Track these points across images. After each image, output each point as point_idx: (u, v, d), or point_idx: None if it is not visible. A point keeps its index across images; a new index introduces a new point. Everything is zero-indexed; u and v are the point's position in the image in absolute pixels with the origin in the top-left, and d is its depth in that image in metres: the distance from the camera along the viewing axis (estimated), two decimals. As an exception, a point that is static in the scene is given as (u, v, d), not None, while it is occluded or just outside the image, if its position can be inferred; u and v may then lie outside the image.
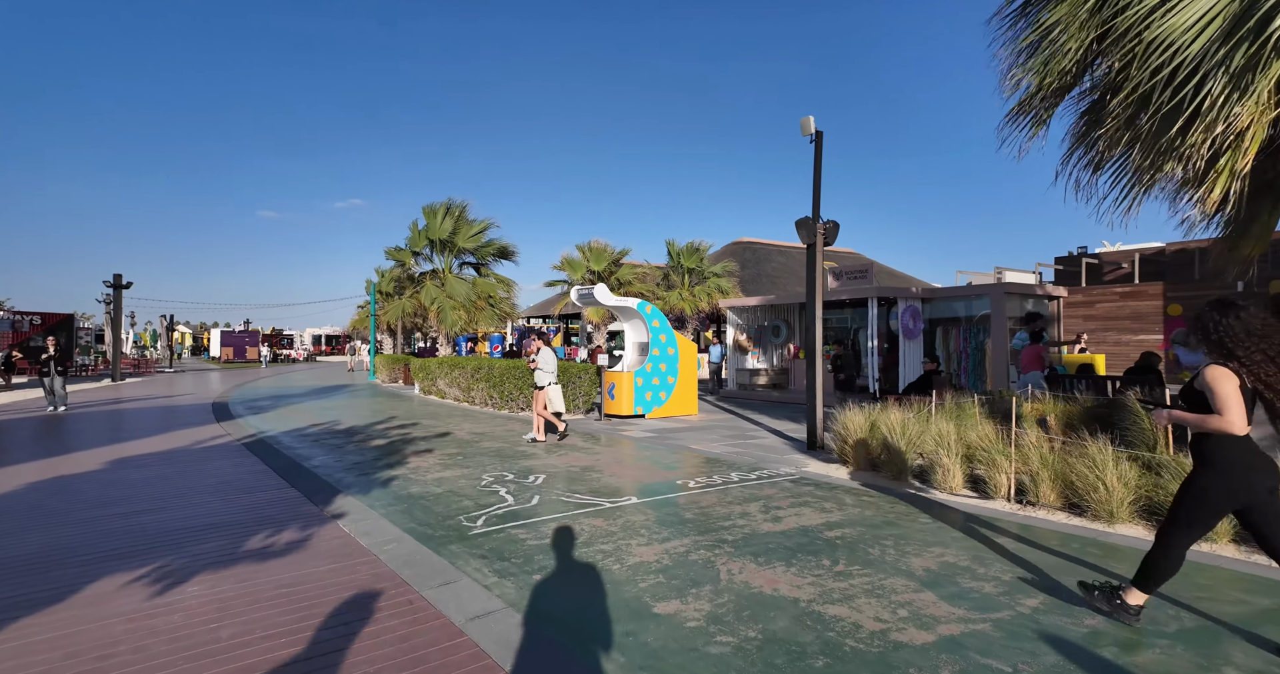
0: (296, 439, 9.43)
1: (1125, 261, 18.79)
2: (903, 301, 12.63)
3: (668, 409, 11.54)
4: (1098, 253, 19.72)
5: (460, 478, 6.39)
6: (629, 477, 6.25)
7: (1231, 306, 2.80)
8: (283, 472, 7.02)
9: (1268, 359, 2.68)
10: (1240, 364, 2.70)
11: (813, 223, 7.53)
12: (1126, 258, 18.84)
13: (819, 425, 7.47)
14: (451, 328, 16.39)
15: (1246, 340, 2.71)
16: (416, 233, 17.39)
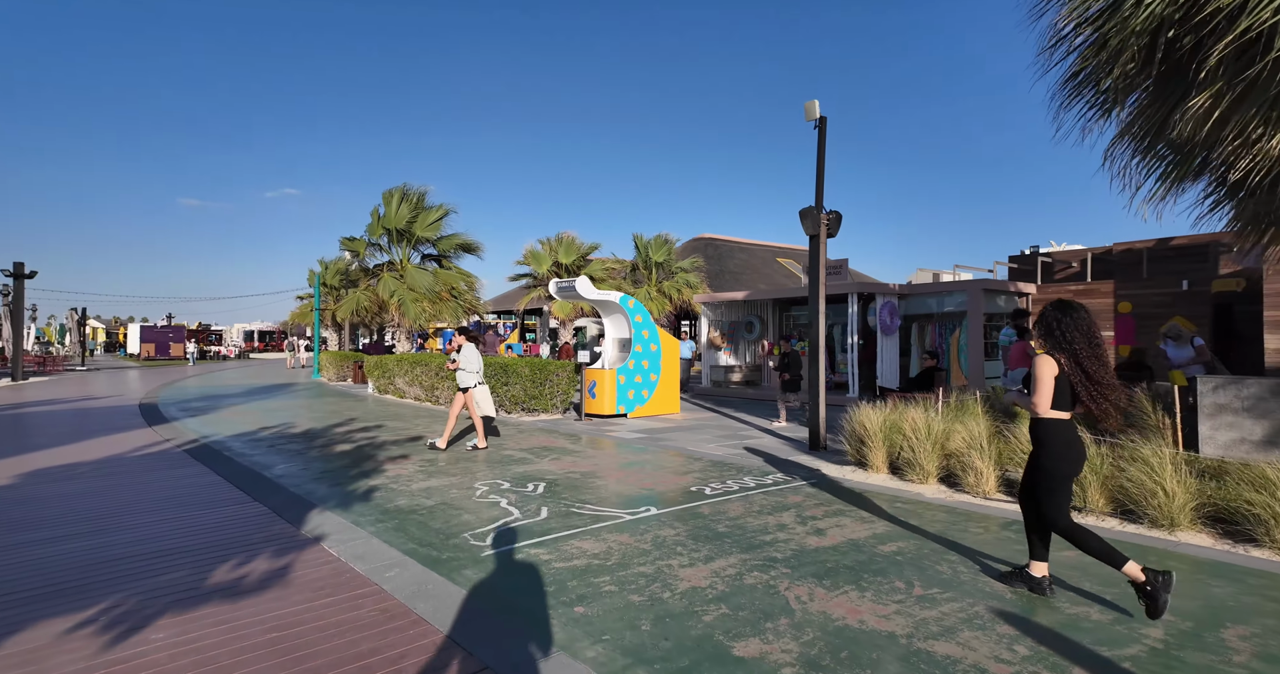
0: (249, 444, 8.55)
1: (1075, 261, 19.58)
2: (880, 297, 12.62)
3: (650, 408, 11.14)
4: (1049, 252, 20.46)
5: (450, 487, 5.80)
6: (637, 483, 5.81)
7: (1070, 307, 3.23)
8: (241, 483, 6.25)
9: (1091, 353, 3.14)
10: (1072, 356, 3.15)
11: (816, 213, 7.26)
12: (1076, 257, 19.65)
13: (822, 425, 7.22)
14: (415, 322, 15.47)
15: (1079, 337, 3.15)
16: (375, 220, 16.34)
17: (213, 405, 14.13)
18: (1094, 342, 3.13)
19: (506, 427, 10.00)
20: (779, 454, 7.15)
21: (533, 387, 11.02)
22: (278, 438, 9.13)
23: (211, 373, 28.61)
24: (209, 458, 7.69)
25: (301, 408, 13.34)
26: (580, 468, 6.61)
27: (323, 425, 10.44)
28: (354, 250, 16.89)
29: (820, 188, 7.37)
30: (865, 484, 5.53)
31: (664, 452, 7.47)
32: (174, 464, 7.32)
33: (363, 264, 17.11)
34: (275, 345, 58.94)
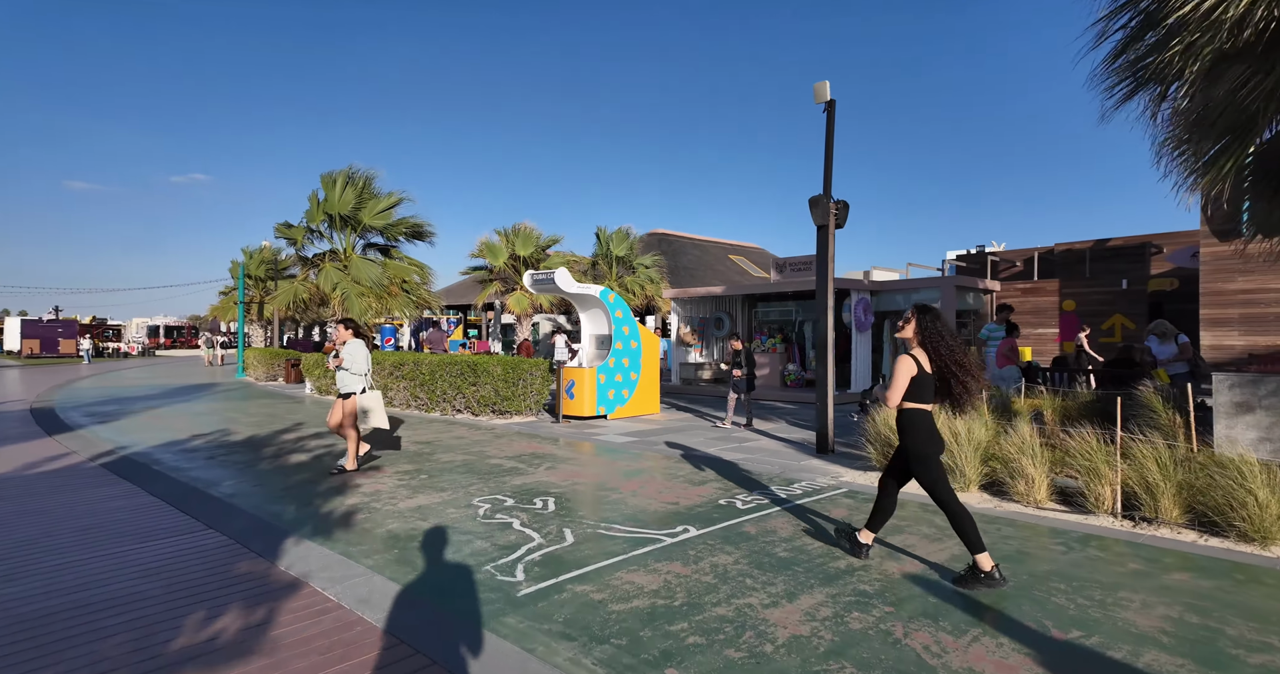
0: (182, 456, 7.42)
1: (1019, 260, 20.42)
2: (855, 293, 12.54)
3: (631, 408, 10.58)
4: (993, 252, 21.26)
5: (446, 506, 5.06)
6: (656, 496, 5.25)
7: (933, 310, 3.67)
8: (185, 505, 5.28)
9: (958, 348, 3.56)
10: (947, 352, 3.54)
11: (825, 201, 6.90)
12: (1020, 257, 20.50)
13: (830, 428, 6.89)
14: (360, 318, 14.22)
15: (947, 335, 3.58)
16: (315, 206, 14.91)
17: (125, 409, 12.52)
18: (956, 338, 3.64)
19: (479, 431, 9.21)
20: (788, 459, 6.76)
21: (505, 387, 10.25)
22: (216, 448, 8.00)
23: (112, 372, 25.86)
24: (136, 474, 6.57)
25: (234, 411, 11.99)
26: (584, 478, 5.98)
27: (266, 432, 9.31)
28: (290, 238, 15.40)
29: (829, 175, 7.02)
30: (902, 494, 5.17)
31: (665, 457, 6.93)
32: (92, 482, 6.19)
33: (300, 252, 15.64)
34: (185, 341, 54.49)
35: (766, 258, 40.26)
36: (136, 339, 51.51)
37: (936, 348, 3.55)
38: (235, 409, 12.43)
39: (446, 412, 11.26)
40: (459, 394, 10.96)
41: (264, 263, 29.22)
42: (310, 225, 15.38)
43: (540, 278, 10.25)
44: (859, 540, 3.82)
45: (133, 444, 8.40)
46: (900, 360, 3.58)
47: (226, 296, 31.74)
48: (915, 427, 3.55)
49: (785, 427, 9.34)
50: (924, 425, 3.55)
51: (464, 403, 10.97)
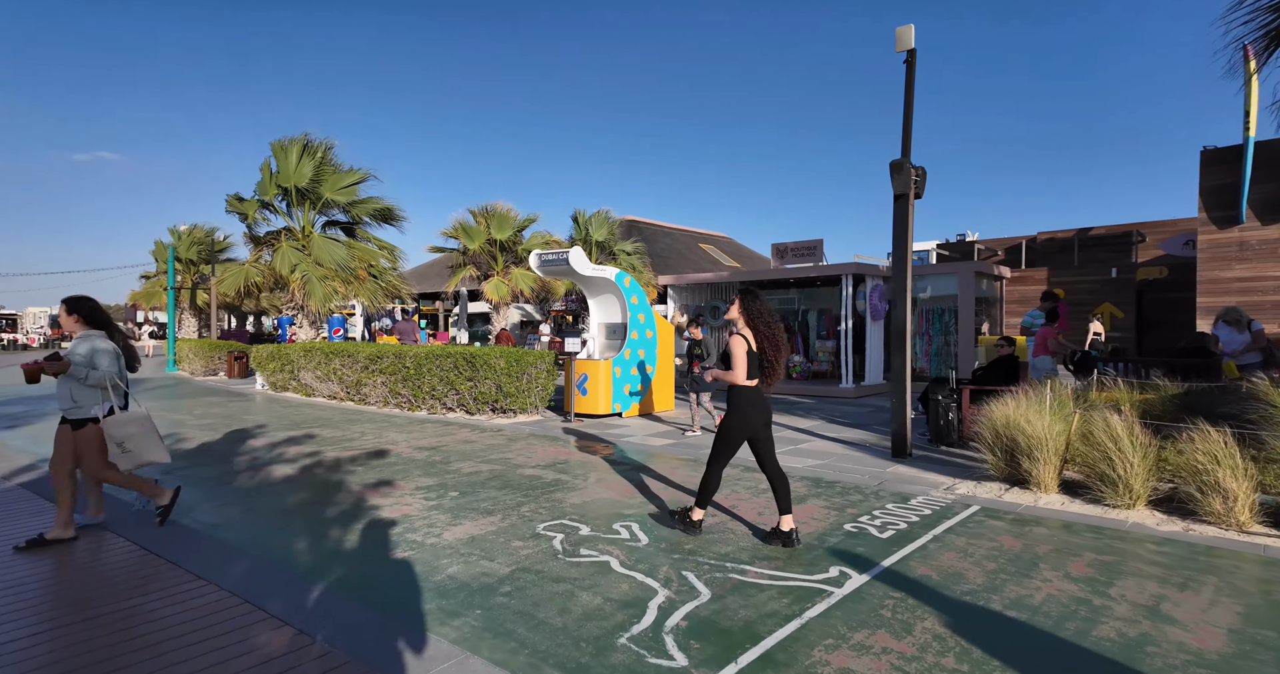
0: (134, 473, 6.02)
1: (1000, 248, 20.50)
2: (871, 279, 11.94)
3: (647, 404, 9.62)
4: (974, 240, 21.29)
5: (506, 536, 4.00)
6: (759, 519, 4.31)
7: (755, 293, 3.90)
8: (156, 543, 4.02)
9: (772, 328, 3.83)
10: (761, 332, 3.80)
11: (906, 166, 6.10)
12: (1001, 245, 20.59)
13: (909, 429, 6.13)
14: (322, 306, 12.64)
15: (768, 316, 3.85)
16: (267, 177, 13.11)
17: (38, 410, 10.67)
18: (775, 320, 3.91)
19: (485, 433, 8.07)
20: (867, 465, 5.92)
21: (509, 382, 9.10)
22: (172, 459, 6.59)
23: (14, 366, 22.93)
24: None
25: (178, 412, 10.35)
26: (651, 494, 5.00)
27: (227, 438, 7.88)
28: (241, 212, 13.56)
29: (908, 136, 6.20)
30: (1057, 512, 4.39)
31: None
32: (14, 511, 4.79)
33: (252, 230, 13.83)
34: None
35: (735, 247, 39.82)
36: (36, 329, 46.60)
37: (759, 327, 3.84)
38: (179, 409, 10.77)
39: (435, 410, 10.02)
40: (451, 390, 9.73)
41: (196, 244, 26.51)
42: (263, 200, 13.60)
43: (550, 258, 9.13)
44: (692, 520, 4.04)
45: (62, 457, 6.87)
46: (734, 341, 3.83)
47: (152, 281, 28.68)
48: (743, 402, 3.82)
49: (825, 424, 8.58)
50: (745, 401, 3.82)
51: (457, 400, 9.76)
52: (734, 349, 3.78)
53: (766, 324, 3.83)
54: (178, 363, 20.32)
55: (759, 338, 3.83)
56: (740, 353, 3.77)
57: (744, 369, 3.76)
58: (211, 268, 22.40)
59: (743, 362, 3.76)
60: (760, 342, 3.83)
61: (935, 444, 6.58)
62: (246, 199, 13.60)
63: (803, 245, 14.40)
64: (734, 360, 3.78)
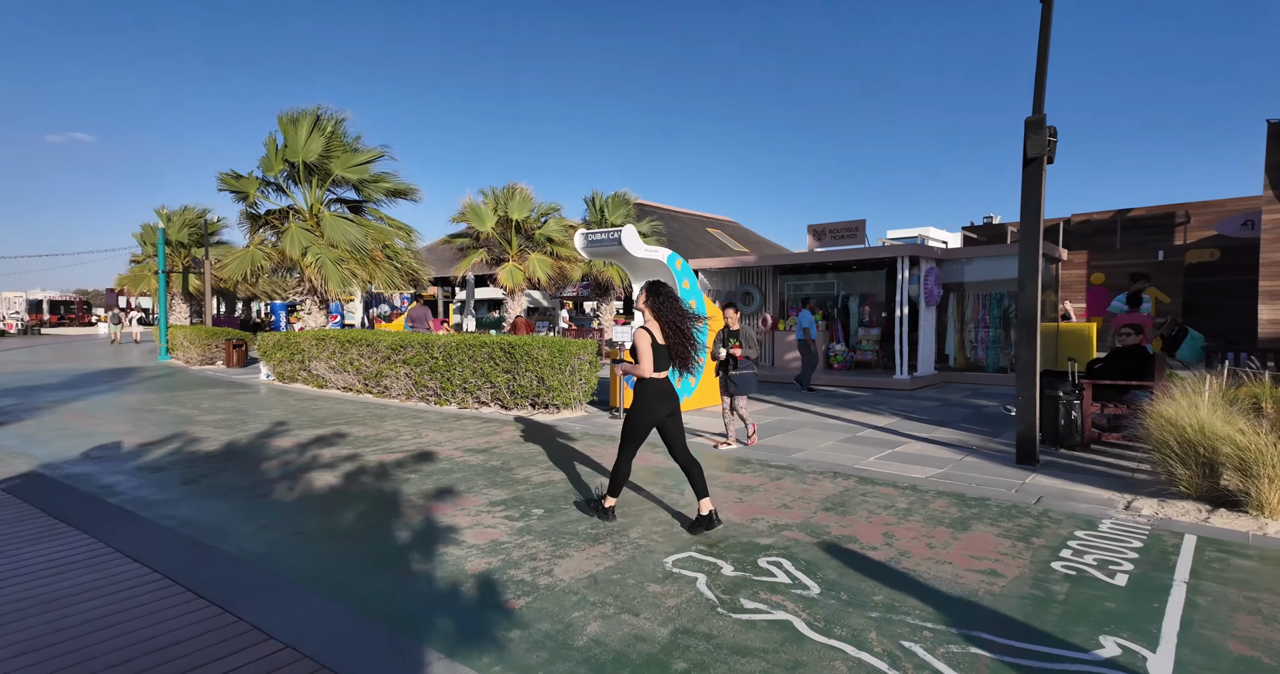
0: (146, 479, 5.22)
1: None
2: (926, 261, 11.20)
3: (697, 399, 8.88)
4: (1003, 224, 20.61)
5: (635, 575, 3.24)
6: (945, 555, 3.50)
7: (663, 288, 4.08)
8: (198, 579, 3.25)
9: (683, 318, 4.01)
10: (668, 324, 3.97)
11: (1042, 126, 5.31)
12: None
13: (1038, 431, 5.41)
14: (338, 290, 11.74)
15: (675, 308, 4.02)
16: (273, 153, 12.09)
17: (28, 403, 9.78)
18: (683, 310, 3.99)
19: (531, 432, 7.30)
20: (1003, 475, 5.07)
21: (553, 374, 8.31)
22: (187, 463, 5.79)
23: None
24: (84, 511, 4.39)
25: (182, 406, 9.50)
26: (780, 518, 4.22)
27: (245, 435, 7.07)
28: (239, 191, 12.55)
29: (1041, 90, 5.41)
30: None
31: (834, 474, 5.28)
32: (15, 531, 3.99)
33: (252, 210, 12.83)
34: (77, 318, 48.45)
35: (742, 231, 39.02)
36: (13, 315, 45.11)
37: (668, 319, 3.93)
38: (182, 402, 9.91)
39: (466, 404, 9.23)
40: (485, 383, 8.93)
41: (188, 226, 25.31)
42: (267, 176, 12.60)
43: (599, 238, 8.31)
44: (605, 507, 4.14)
45: (58, 458, 6.04)
46: (639, 334, 3.96)
47: (140, 266, 27.45)
48: (648, 393, 3.95)
49: (902, 421, 7.87)
50: (650, 392, 3.95)
51: (492, 394, 8.97)
52: (639, 342, 3.93)
53: (676, 314, 3.95)
54: (170, 351, 19.33)
55: (666, 331, 3.95)
56: (645, 346, 3.91)
57: (649, 362, 3.91)
58: (205, 251, 21.30)
59: (648, 354, 3.91)
60: (667, 332, 3.95)
61: (1053, 447, 5.90)
62: (244, 176, 12.59)
63: (843, 226, 13.63)
64: (639, 354, 3.92)
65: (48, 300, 48.32)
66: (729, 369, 6.10)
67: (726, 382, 6.15)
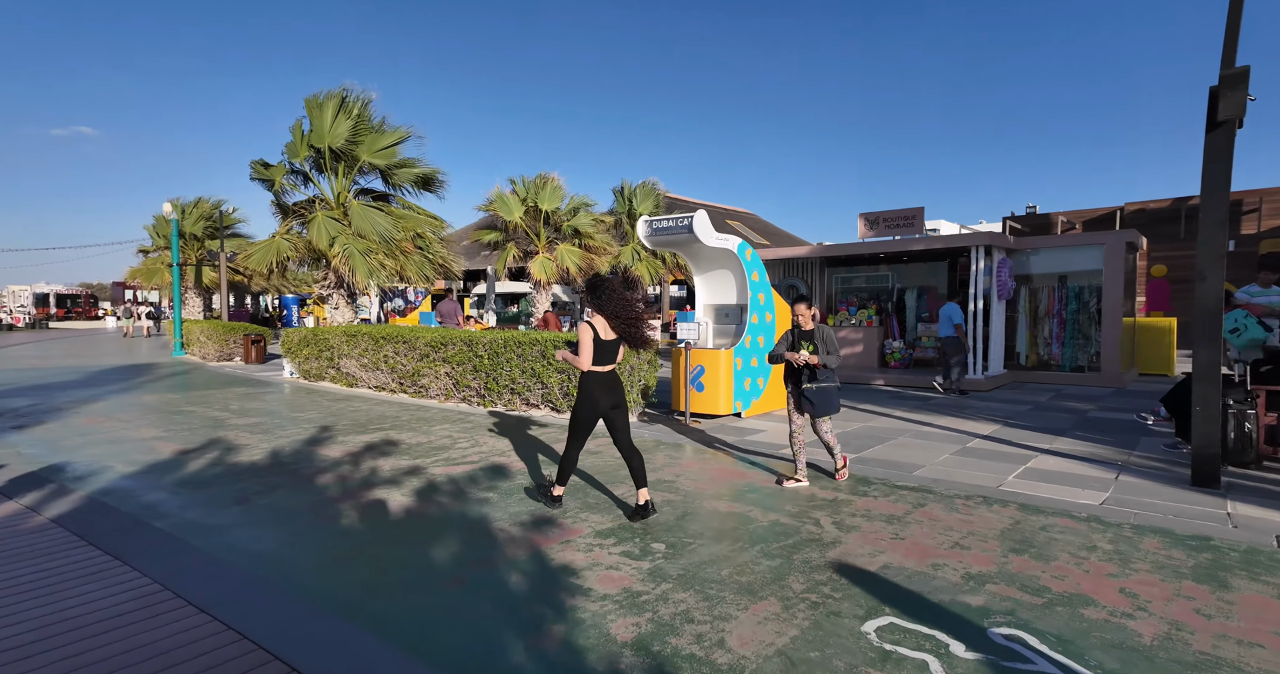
0: (191, 497, 4.61)
1: (1078, 222, 19.05)
2: (998, 252, 10.45)
3: (765, 402, 8.21)
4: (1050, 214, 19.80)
5: (827, 647, 2.57)
6: (1204, 625, 2.80)
7: (602, 283, 4.15)
8: (280, 642, 2.59)
9: (625, 307, 4.08)
10: (613, 317, 4.06)
11: (1242, 81, 4.51)
12: (1079, 218, 19.14)
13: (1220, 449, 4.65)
14: (367, 282, 11.09)
15: (616, 301, 4.09)
16: (299, 138, 11.41)
17: (47, 403, 9.21)
18: (625, 301, 4.12)
19: (598, 439, 6.65)
20: (1188, 501, 4.30)
21: (615, 375, 7.64)
22: (232, 476, 5.16)
23: (4, 348, 21.34)
24: (130, 541, 3.78)
25: (211, 406, 8.88)
26: (965, 563, 3.58)
27: (288, 443, 6.44)
28: (267, 179, 11.89)
29: (1233, 40, 4.63)
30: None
31: (988, 502, 4.61)
32: (53, 566, 3.37)
33: (281, 199, 12.17)
34: (82, 312, 48.16)
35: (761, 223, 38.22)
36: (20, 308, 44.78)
37: (611, 312, 4.05)
38: (209, 403, 9.30)
39: (514, 406, 8.59)
40: (536, 384, 8.28)
41: (203, 219, 24.69)
42: (293, 163, 11.92)
43: (664, 226, 7.61)
44: (553, 495, 4.31)
45: (89, 469, 5.43)
46: (581, 328, 4.08)
47: (152, 258, 26.85)
48: (590, 386, 4.09)
49: (1004, 429, 7.14)
50: (593, 385, 4.08)
51: (543, 395, 8.31)
52: (581, 336, 4.04)
53: (617, 305, 4.06)
54: (185, 346, 18.76)
55: (612, 323, 4.07)
56: (586, 340, 4.01)
57: (589, 355, 4.02)
58: (220, 243, 20.68)
59: (588, 348, 4.01)
60: (614, 327, 4.08)
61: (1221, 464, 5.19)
62: (273, 164, 11.91)
63: (898, 215, 12.88)
64: (580, 346, 4.03)
65: (54, 294, 48.02)
66: (803, 381, 4.78)
67: (800, 399, 4.82)
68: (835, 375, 4.87)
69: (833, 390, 4.82)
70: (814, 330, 4.86)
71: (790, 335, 4.95)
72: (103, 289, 66.41)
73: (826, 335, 4.79)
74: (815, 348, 4.77)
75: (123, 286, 51.06)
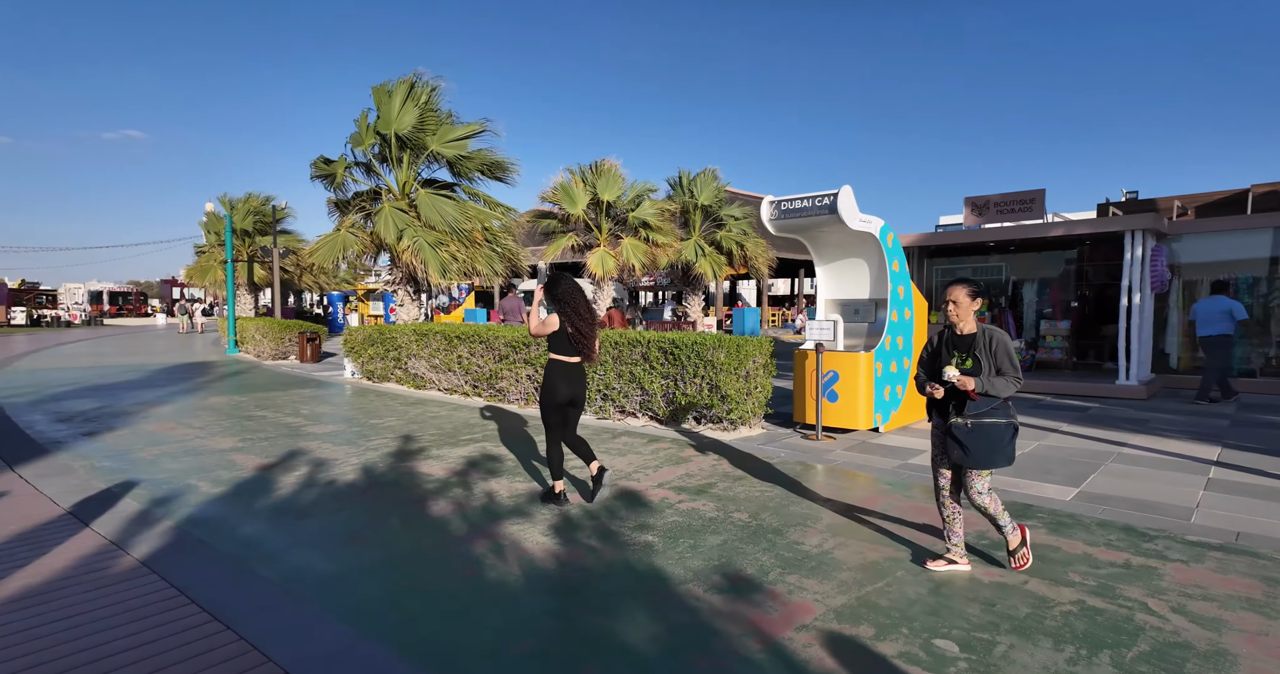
0: (278, 525, 3.82)
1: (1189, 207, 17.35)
2: (1151, 237, 9.13)
3: (904, 414, 7.14)
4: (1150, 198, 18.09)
5: None
6: None
7: (564, 279, 4.34)
8: None
9: (583, 308, 4.26)
10: (573, 312, 4.22)
11: None
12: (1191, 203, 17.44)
13: None
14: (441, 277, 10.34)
15: (577, 298, 4.28)
16: (364, 128, 10.73)
17: (112, 406, 8.68)
18: (584, 301, 4.31)
19: (725, 459, 5.70)
20: None
21: (732, 381, 6.67)
22: (327, 501, 4.37)
23: (64, 345, 21.50)
24: (214, 583, 3.01)
25: (279, 410, 8.21)
26: None
27: (379, 458, 5.64)
28: (328, 174, 11.26)
29: None
30: None
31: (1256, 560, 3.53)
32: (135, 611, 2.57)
33: (340, 195, 11.53)
34: (134, 309, 49.37)
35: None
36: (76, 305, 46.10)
37: (565, 310, 4.23)
38: (278, 407, 8.66)
39: (606, 414, 7.71)
40: (636, 390, 7.37)
41: (252, 214, 24.52)
42: (357, 153, 11.23)
43: (796, 207, 6.59)
44: (555, 492, 4.37)
45: (171, 489, 4.72)
46: (550, 317, 4.28)
47: (206, 255, 26.85)
48: (551, 374, 4.26)
49: (1233, 452, 5.97)
50: (555, 374, 4.24)
51: (641, 403, 7.40)
52: (549, 319, 4.28)
53: (573, 308, 4.23)
54: (239, 344, 18.47)
55: (572, 319, 4.21)
56: (552, 321, 4.25)
57: (536, 322, 4.30)
58: (273, 238, 20.37)
59: (545, 322, 4.27)
60: (573, 318, 4.21)
61: None
62: (334, 160, 11.25)
63: (1014, 198, 11.59)
64: (546, 320, 4.29)
65: (107, 291, 49.29)
66: (950, 412, 3.17)
67: (948, 440, 3.18)
68: (1011, 407, 3.14)
69: (1002, 430, 3.07)
70: (975, 334, 3.16)
71: (936, 341, 3.30)
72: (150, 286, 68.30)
73: (997, 342, 3.11)
74: (973, 362, 3.11)
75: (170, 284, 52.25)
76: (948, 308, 3.22)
